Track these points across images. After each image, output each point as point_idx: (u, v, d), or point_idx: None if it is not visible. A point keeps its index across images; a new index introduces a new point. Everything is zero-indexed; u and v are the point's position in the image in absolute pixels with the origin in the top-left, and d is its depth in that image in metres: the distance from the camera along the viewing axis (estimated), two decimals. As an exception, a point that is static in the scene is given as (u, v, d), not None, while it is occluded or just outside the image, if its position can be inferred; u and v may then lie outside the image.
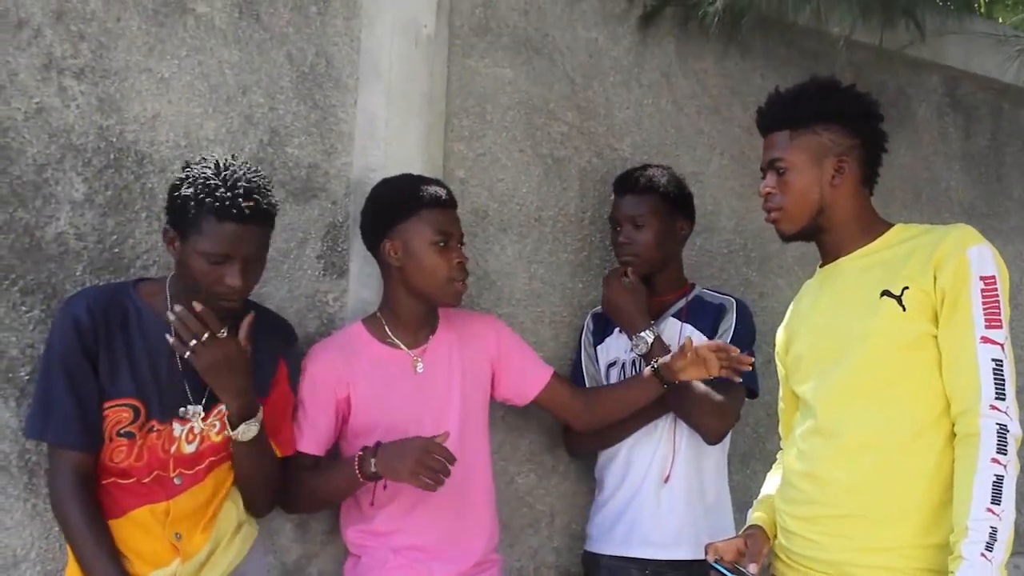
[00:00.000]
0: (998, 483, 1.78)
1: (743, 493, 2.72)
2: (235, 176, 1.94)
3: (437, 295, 2.31)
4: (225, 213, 1.91)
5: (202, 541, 2.07)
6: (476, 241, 2.72)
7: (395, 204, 2.31)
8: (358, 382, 2.30)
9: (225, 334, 1.96)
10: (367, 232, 2.37)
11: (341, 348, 2.33)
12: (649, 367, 2.47)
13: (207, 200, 1.91)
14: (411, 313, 2.35)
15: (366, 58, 2.57)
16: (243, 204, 1.92)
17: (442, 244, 2.28)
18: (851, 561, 1.94)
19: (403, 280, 2.32)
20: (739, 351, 2.37)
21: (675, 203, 2.69)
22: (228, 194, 1.91)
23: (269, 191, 2.00)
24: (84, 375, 1.95)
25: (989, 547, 1.75)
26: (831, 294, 2.08)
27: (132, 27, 2.27)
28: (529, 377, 2.50)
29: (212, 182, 1.93)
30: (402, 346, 2.35)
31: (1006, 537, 1.76)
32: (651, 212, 2.64)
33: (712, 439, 2.57)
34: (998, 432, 1.81)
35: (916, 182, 3.67)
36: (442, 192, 2.33)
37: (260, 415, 2.06)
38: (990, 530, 1.76)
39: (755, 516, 2.20)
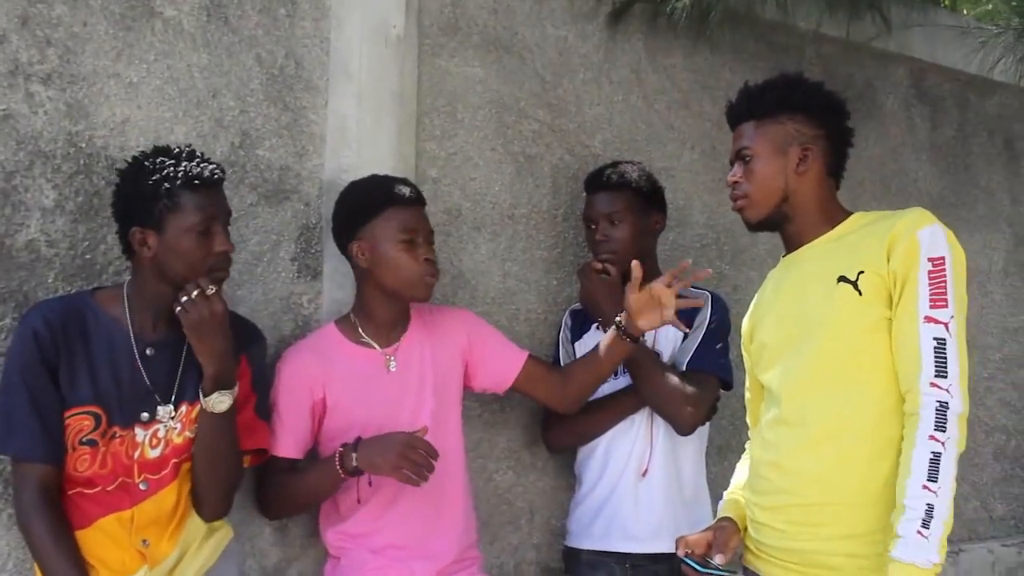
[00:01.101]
0: (935, 460, 1.79)
1: (721, 485, 2.72)
2: (183, 151, 2.03)
3: (407, 291, 2.31)
4: (199, 180, 1.98)
5: (170, 547, 2.06)
6: (450, 240, 2.72)
7: (360, 206, 2.32)
8: (333, 383, 2.30)
9: (213, 291, 2.00)
10: (337, 235, 2.38)
11: (315, 349, 2.33)
12: (613, 328, 2.45)
13: (179, 177, 1.97)
14: (383, 312, 2.35)
15: (336, 59, 2.57)
16: (209, 170, 2.01)
17: (409, 242, 2.29)
18: (819, 549, 1.95)
19: (374, 280, 2.32)
20: (690, 262, 2.39)
21: (648, 198, 2.71)
22: (193, 164, 1.99)
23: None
24: (44, 387, 1.95)
25: (925, 524, 1.76)
26: (792, 282, 2.10)
27: (99, 32, 2.25)
28: (506, 363, 2.50)
29: (171, 162, 1.99)
30: (375, 345, 2.35)
31: (944, 513, 1.77)
32: (626, 208, 2.66)
33: (684, 430, 2.57)
34: (937, 410, 1.82)
35: (884, 173, 3.71)
36: (406, 190, 2.33)
37: (235, 390, 2.05)
38: (926, 507, 1.77)
39: (725, 508, 2.22)
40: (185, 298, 1.97)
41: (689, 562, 2.03)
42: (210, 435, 2.06)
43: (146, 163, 2.00)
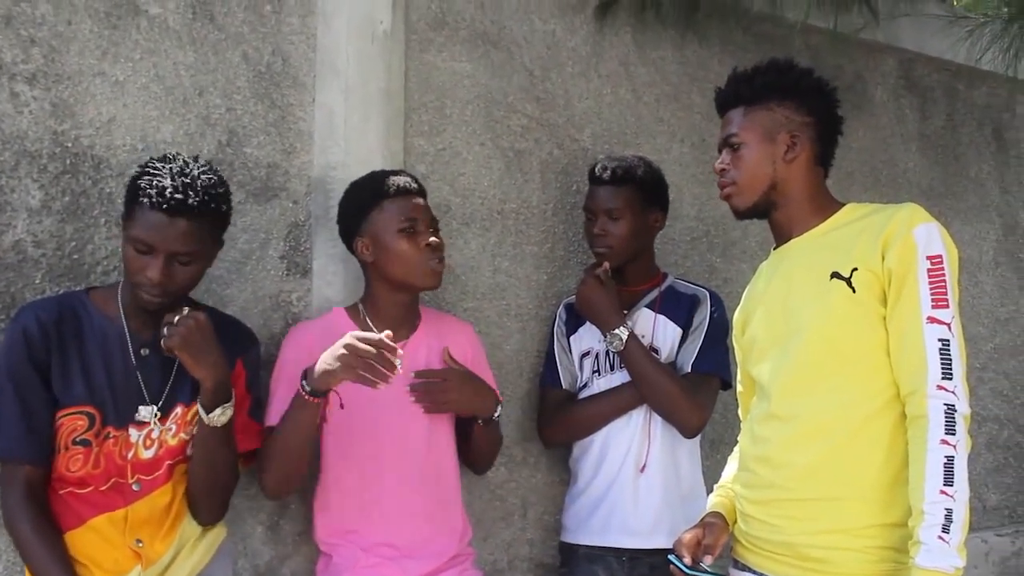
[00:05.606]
0: (949, 464, 1.79)
1: (713, 479, 2.71)
2: (182, 170, 1.93)
3: (415, 280, 2.31)
4: (155, 202, 1.89)
5: (164, 547, 2.05)
6: (440, 236, 2.71)
7: (359, 201, 2.33)
8: None
9: (186, 311, 1.96)
10: (342, 236, 2.38)
11: (323, 331, 2.30)
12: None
13: (143, 187, 1.91)
14: (392, 308, 2.35)
15: (323, 56, 2.55)
16: (173, 196, 1.89)
17: (409, 230, 2.28)
18: (809, 543, 1.94)
19: (380, 274, 2.32)
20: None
21: (650, 196, 2.69)
22: (164, 183, 1.90)
23: (215, 192, 1.96)
24: (33, 387, 1.93)
25: (945, 529, 1.76)
26: (783, 275, 2.08)
27: (84, 30, 2.24)
28: None
29: (154, 169, 1.93)
30: None
31: (961, 517, 1.78)
32: (626, 204, 2.64)
33: (690, 434, 2.60)
34: (946, 412, 1.81)
35: (875, 164, 3.70)
36: (403, 180, 2.33)
37: (233, 400, 2.04)
38: (945, 512, 1.77)
39: (715, 501, 2.21)
40: (166, 327, 1.95)
41: (676, 563, 2.01)
42: (211, 446, 2.05)
43: (145, 163, 1.97)
